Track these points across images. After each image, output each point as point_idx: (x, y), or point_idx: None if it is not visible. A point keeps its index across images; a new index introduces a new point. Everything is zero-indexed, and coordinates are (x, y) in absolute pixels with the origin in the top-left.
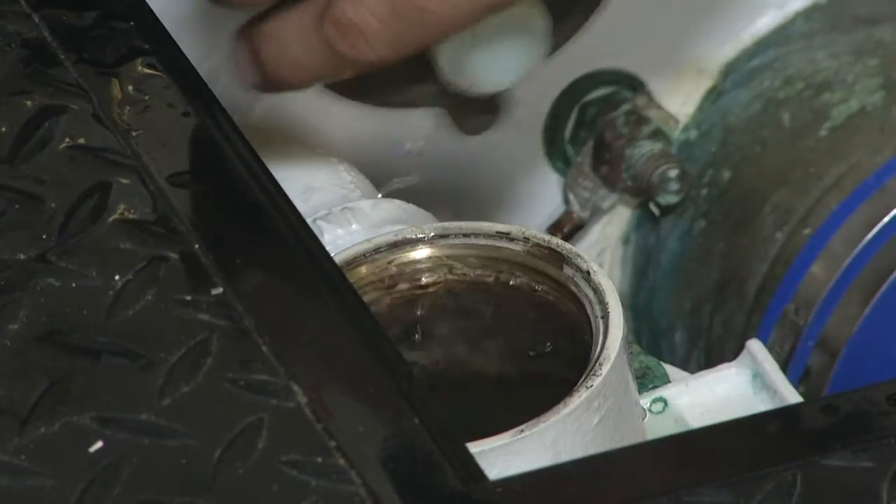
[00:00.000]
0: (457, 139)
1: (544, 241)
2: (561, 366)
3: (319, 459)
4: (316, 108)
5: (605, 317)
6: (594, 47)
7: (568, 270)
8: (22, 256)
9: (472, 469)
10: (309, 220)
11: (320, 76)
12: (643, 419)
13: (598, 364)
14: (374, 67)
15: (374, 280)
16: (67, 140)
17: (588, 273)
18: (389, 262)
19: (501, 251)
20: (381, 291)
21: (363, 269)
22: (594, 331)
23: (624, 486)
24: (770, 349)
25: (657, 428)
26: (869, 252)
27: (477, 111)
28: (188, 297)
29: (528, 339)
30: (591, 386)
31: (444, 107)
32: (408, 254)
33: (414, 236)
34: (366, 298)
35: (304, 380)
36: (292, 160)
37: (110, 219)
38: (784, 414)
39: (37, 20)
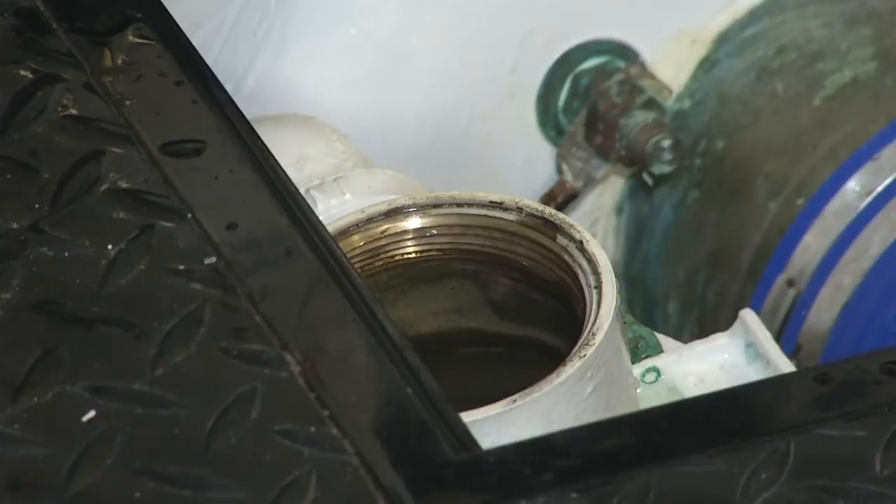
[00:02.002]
0: (450, 109)
1: (537, 210)
2: (554, 335)
3: (313, 429)
4: (310, 77)
5: (599, 287)
6: (588, 17)
7: (561, 240)
8: (15, 225)
9: (465, 438)
10: (302, 190)
11: None
12: (636, 389)
13: (591, 334)
14: None
15: (366, 249)
16: (60, 109)
17: (581, 243)
18: (382, 232)
19: (494, 221)
20: (373, 260)
21: (356, 238)
22: (587, 301)
23: (616, 454)
24: (763, 319)
25: (650, 397)
26: (862, 222)
27: None
28: (181, 267)
29: (521, 308)
30: (585, 356)
31: None
32: (400, 223)
33: (406, 206)
34: (358, 267)
35: (297, 349)
36: (286, 130)
37: (103, 188)
38: (777, 383)
39: None
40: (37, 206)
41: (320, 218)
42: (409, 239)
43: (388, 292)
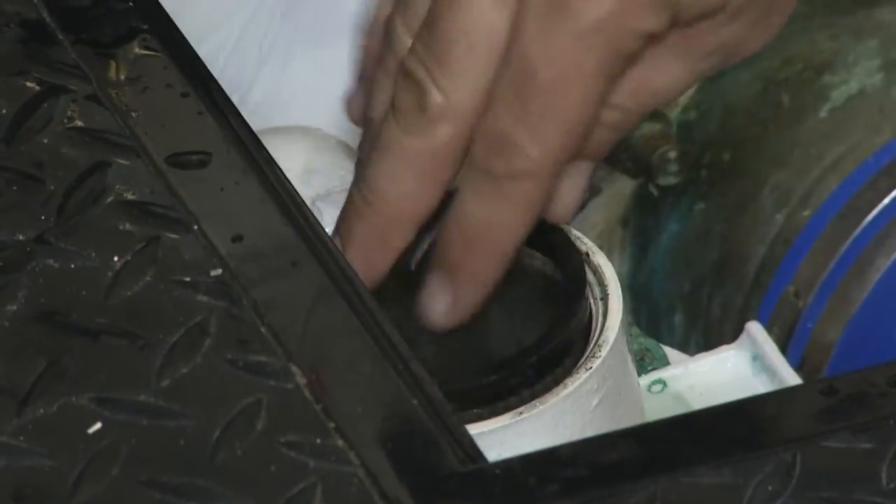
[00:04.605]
0: None
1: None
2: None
3: (318, 440)
4: (316, 89)
5: (605, 298)
6: None
7: None
8: (20, 237)
9: (470, 450)
10: (308, 202)
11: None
12: (642, 401)
13: (597, 346)
14: None
15: None
16: (66, 121)
17: (587, 254)
18: None
19: None
20: None
21: None
22: (593, 312)
23: (622, 466)
24: (769, 331)
25: (656, 409)
26: (869, 233)
27: None
28: (187, 278)
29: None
30: (591, 367)
31: None
32: None
33: None
34: None
35: (303, 361)
36: (291, 141)
37: (109, 199)
38: (783, 395)
39: (35, 0)
40: (42, 217)
41: (326, 230)
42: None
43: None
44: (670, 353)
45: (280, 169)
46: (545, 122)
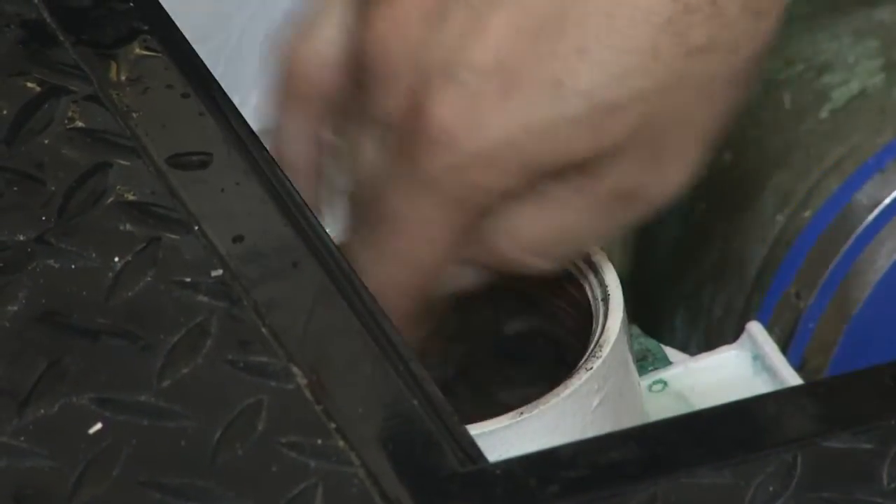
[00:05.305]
0: None
1: None
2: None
3: (319, 441)
4: None
5: (606, 299)
6: None
7: None
8: (21, 238)
9: (471, 451)
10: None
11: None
12: (643, 401)
13: (598, 346)
14: None
15: None
16: (67, 122)
17: (588, 255)
18: None
19: None
20: None
21: None
22: (594, 313)
23: (623, 467)
24: (770, 331)
25: (657, 410)
26: (869, 234)
27: None
28: (187, 279)
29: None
30: (592, 368)
31: None
32: None
33: None
34: None
35: (304, 361)
36: None
37: (109, 200)
38: (784, 396)
39: (36, 1)
40: (43, 218)
41: (327, 230)
42: None
43: None
44: (671, 353)
45: (281, 169)
46: (384, 257)
